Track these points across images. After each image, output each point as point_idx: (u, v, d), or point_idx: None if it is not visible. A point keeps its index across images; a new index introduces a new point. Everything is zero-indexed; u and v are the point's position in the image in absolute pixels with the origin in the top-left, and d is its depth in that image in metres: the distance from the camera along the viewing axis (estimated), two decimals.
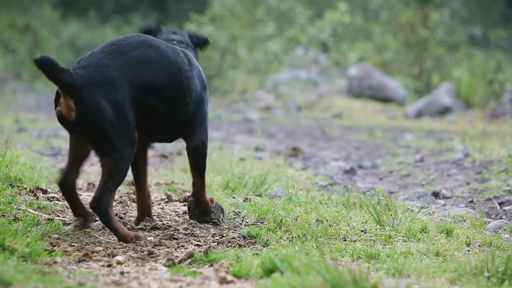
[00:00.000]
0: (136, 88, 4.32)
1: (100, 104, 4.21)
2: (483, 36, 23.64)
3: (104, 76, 4.24)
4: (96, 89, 4.21)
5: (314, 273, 3.53)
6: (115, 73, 4.27)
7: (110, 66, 4.28)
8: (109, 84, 4.24)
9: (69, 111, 4.21)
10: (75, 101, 4.19)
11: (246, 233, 4.63)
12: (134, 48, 4.39)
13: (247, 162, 7.88)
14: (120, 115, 4.25)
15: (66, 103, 4.21)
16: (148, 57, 4.40)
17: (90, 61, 4.29)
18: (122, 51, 4.35)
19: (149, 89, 4.38)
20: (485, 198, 6.47)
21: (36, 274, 3.56)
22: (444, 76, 19.40)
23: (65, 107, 4.21)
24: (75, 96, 4.18)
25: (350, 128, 13.52)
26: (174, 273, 3.81)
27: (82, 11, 29.45)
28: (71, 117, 4.21)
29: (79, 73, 4.22)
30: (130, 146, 4.32)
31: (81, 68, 4.25)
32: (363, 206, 5.39)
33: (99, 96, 4.21)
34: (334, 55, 21.38)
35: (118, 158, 4.27)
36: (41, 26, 25.21)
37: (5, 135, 6.58)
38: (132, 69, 4.33)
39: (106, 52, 4.33)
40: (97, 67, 4.26)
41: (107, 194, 4.27)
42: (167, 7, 31.34)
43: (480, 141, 9.57)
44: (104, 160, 4.28)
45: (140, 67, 4.36)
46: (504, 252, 4.34)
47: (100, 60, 4.29)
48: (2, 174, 5.45)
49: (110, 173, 4.27)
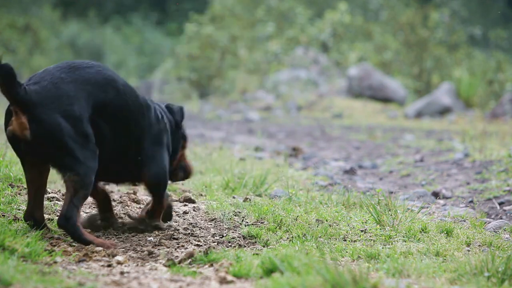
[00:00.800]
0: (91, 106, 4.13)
1: (57, 120, 3.99)
2: (483, 36, 23.64)
3: (58, 88, 4.04)
4: (51, 104, 4.00)
5: (314, 273, 3.53)
6: (71, 86, 4.08)
7: (64, 79, 4.09)
8: (64, 97, 4.04)
9: (22, 129, 3.98)
10: (29, 119, 3.96)
11: (246, 233, 4.63)
12: (90, 66, 4.22)
13: (247, 162, 7.88)
14: (79, 128, 4.05)
15: (19, 121, 3.97)
16: (104, 77, 4.21)
17: (44, 75, 4.09)
18: (77, 66, 4.17)
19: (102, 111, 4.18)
20: (485, 198, 6.47)
21: (36, 274, 3.56)
22: (444, 76, 19.41)
23: (18, 125, 3.98)
24: (28, 113, 3.96)
25: (350, 128, 13.52)
26: (174, 273, 3.81)
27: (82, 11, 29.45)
28: (25, 136, 3.99)
29: (32, 89, 3.99)
30: (93, 159, 4.12)
31: (34, 84, 4.04)
32: (363, 206, 5.39)
33: (54, 111, 4.00)
34: (334, 55, 21.39)
35: (83, 171, 4.07)
36: (41, 26, 25.22)
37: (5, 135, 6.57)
38: (88, 85, 4.14)
39: (60, 67, 4.15)
40: (51, 81, 4.06)
41: (74, 210, 4.08)
42: (167, 7, 31.34)
43: (480, 141, 9.57)
44: (68, 175, 4.07)
45: (95, 85, 4.16)
46: (504, 252, 4.34)
47: (54, 74, 4.09)
48: (2, 174, 5.45)
49: (76, 188, 4.07)
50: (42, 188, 4.30)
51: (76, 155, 4.06)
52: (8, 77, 3.92)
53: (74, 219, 4.10)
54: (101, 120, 4.19)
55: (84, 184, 4.10)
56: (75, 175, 4.07)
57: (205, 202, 5.53)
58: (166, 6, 31.39)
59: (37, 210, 4.30)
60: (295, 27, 22.20)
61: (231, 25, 22.21)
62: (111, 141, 4.27)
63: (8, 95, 3.94)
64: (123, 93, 4.28)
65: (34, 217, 4.29)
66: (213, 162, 7.49)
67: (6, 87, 3.92)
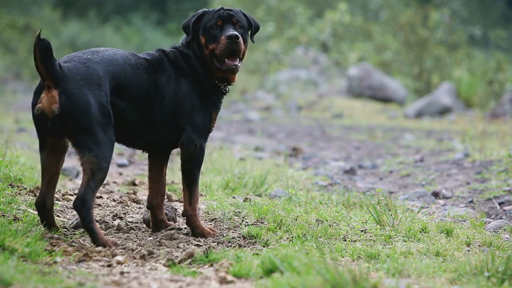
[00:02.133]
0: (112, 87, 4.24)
1: (87, 97, 4.12)
2: (483, 36, 23.64)
3: (88, 67, 4.17)
4: (82, 80, 4.13)
5: (314, 273, 3.53)
6: (99, 66, 4.21)
7: (91, 59, 4.21)
8: (94, 76, 4.17)
9: (51, 104, 4.08)
10: (60, 92, 4.08)
11: (246, 233, 4.63)
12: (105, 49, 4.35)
13: (247, 162, 7.88)
14: (104, 111, 4.16)
15: (50, 96, 4.09)
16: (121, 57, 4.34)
17: (72, 57, 4.24)
18: (97, 51, 4.31)
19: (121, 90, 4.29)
20: (485, 198, 6.47)
21: (36, 274, 3.56)
22: (444, 76, 19.41)
23: (47, 100, 4.09)
24: (60, 87, 4.08)
25: (350, 128, 13.52)
26: (174, 273, 3.81)
27: (82, 11, 29.45)
28: (53, 112, 4.08)
29: (65, 65, 4.15)
30: (110, 145, 4.20)
31: (65, 62, 4.19)
32: (363, 206, 5.39)
33: (85, 88, 4.12)
34: (334, 55, 21.39)
35: (101, 154, 4.14)
36: (41, 26, 25.20)
37: (5, 135, 6.58)
38: (111, 65, 4.26)
39: (83, 52, 4.30)
40: (80, 61, 4.19)
41: (90, 193, 4.13)
42: (167, 7, 31.34)
43: (480, 141, 9.57)
44: (87, 157, 4.13)
45: (116, 65, 4.29)
46: (504, 252, 4.34)
47: (81, 56, 4.23)
48: (2, 174, 5.45)
49: (93, 170, 4.13)
50: (56, 177, 4.36)
51: (96, 136, 4.14)
52: (45, 51, 4.06)
53: (89, 204, 4.14)
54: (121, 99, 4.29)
55: (102, 167, 4.15)
56: (94, 156, 4.13)
57: (205, 202, 5.53)
58: (166, 6, 31.39)
59: (49, 197, 4.34)
60: (295, 27, 22.21)
61: None
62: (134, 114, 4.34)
63: (43, 68, 4.08)
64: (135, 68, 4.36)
65: (45, 204, 4.34)
66: (213, 162, 7.49)
67: (43, 61, 4.07)
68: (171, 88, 4.46)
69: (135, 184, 6.39)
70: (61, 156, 4.33)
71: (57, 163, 4.33)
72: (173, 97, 4.46)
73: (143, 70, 4.40)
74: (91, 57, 4.23)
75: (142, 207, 5.37)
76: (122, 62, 4.32)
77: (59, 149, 4.30)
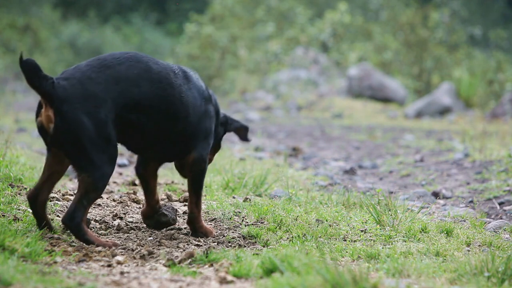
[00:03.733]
0: (120, 105, 4.15)
1: (81, 119, 4.04)
2: (483, 36, 23.64)
3: (86, 89, 4.08)
4: (77, 103, 4.05)
5: (314, 273, 3.53)
6: (99, 87, 4.11)
7: (94, 79, 4.12)
8: (91, 99, 4.07)
9: (48, 122, 4.04)
10: (54, 112, 4.03)
11: (246, 233, 4.63)
12: (121, 62, 4.22)
13: (247, 162, 7.88)
14: (101, 132, 4.08)
15: (46, 114, 4.04)
16: (135, 72, 4.23)
17: (74, 73, 4.13)
18: (107, 65, 4.19)
19: (135, 106, 4.21)
20: (485, 198, 6.47)
21: (36, 274, 3.56)
22: (444, 76, 19.41)
23: (45, 118, 4.05)
24: (55, 107, 4.02)
25: (350, 128, 13.52)
26: (174, 273, 3.81)
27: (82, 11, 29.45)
28: (50, 129, 4.06)
29: (61, 84, 4.05)
30: (110, 164, 4.15)
31: (64, 79, 4.09)
32: (363, 206, 5.39)
33: (79, 110, 4.04)
34: (334, 55, 21.39)
35: (98, 175, 4.10)
36: (41, 26, 25.21)
37: (5, 135, 6.57)
38: (117, 84, 4.16)
39: (91, 66, 4.17)
40: (80, 80, 4.10)
41: (81, 210, 4.11)
42: (167, 7, 31.34)
43: (480, 141, 9.57)
44: (82, 177, 4.11)
45: (125, 82, 4.18)
46: (504, 252, 4.34)
47: (84, 73, 4.12)
48: (2, 174, 5.45)
49: (87, 189, 4.10)
50: (57, 175, 4.32)
51: (92, 158, 4.09)
52: (31, 71, 3.99)
53: (78, 219, 4.11)
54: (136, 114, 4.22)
55: (97, 188, 4.12)
56: (89, 177, 4.10)
57: (205, 202, 5.53)
58: (166, 6, 31.39)
59: (43, 193, 4.28)
60: (295, 27, 22.20)
61: (231, 25, 22.21)
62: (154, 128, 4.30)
63: (34, 88, 4.03)
64: (157, 81, 4.28)
65: (37, 199, 4.27)
66: (213, 162, 7.48)
67: (31, 81, 4.00)
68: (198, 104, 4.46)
69: (135, 184, 6.39)
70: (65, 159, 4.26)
71: (60, 163, 4.28)
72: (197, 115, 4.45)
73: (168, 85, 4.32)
74: (95, 76, 4.13)
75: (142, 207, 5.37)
76: (135, 77, 4.21)
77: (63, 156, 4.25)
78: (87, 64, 4.19)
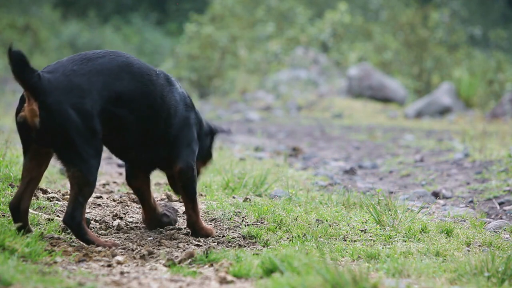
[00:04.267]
0: (104, 97, 4.13)
1: (67, 111, 4.01)
2: (483, 36, 23.64)
3: (70, 81, 4.05)
4: (62, 94, 4.01)
5: (314, 273, 3.53)
6: (83, 78, 4.09)
7: (76, 71, 4.09)
8: (75, 90, 4.05)
9: (33, 116, 3.99)
10: (39, 106, 3.99)
11: (246, 233, 4.63)
12: (102, 56, 4.21)
13: (247, 162, 7.88)
14: (88, 124, 4.05)
15: (30, 108, 3.99)
16: (116, 64, 4.22)
17: (57, 67, 4.11)
18: (89, 58, 4.17)
19: (118, 99, 4.18)
20: (485, 198, 6.47)
21: (36, 274, 3.56)
22: (444, 76, 19.41)
23: (29, 112, 4.00)
24: (40, 100, 3.98)
25: (350, 128, 13.52)
26: (174, 273, 3.81)
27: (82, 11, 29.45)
28: (35, 124, 4.00)
29: (46, 77, 4.01)
30: (97, 157, 4.12)
31: (48, 73, 4.06)
32: (363, 206, 5.39)
33: (65, 102, 4.01)
34: (334, 55, 21.39)
35: (86, 168, 4.07)
36: (41, 26, 25.22)
37: (5, 135, 6.58)
38: (100, 75, 4.14)
39: (73, 59, 4.17)
40: (64, 72, 4.07)
41: (79, 208, 4.10)
42: (167, 7, 31.34)
43: (480, 141, 9.57)
44: (72, 171, 4.07)
45: (108, 74, 4.17)
46: (504, 252, 4.34)
47: (66, 66, 4.11)
48: (2, 174, 5.45)
49: (80, 185, 4.08)
50: (36, 181, 4.24)
51: (79, 151, 4.06)
52: (19, 63, 3.94)
53: (79, 218, 4.11)
54: (119, 108, 4.20)
55: (88, 182, 4.10)
56: (79, 171, 4.07)
57: (205, 202, 5.53)
58: (166, 6, 31.39)
59: (25, 200, 4.21)
60: (295, 27, 22.21)
61: (231, 25, 22.21)
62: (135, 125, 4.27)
63: (20, 81, 3.98)
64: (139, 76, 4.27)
65: (19, 207, 4.19)
66: (213, 162, 7.49)
67: (18, 73, 3.96)
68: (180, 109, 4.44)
69: None
70: (44, 161, 4.21)
71: (39, 167, 4.21)
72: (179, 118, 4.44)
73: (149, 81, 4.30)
74: (77, 68, 4.11)
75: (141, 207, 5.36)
76: (117, 70, 4.20)
77: (43, 155, 4.19)
78: (69, 58, 4.19)
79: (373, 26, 22.70)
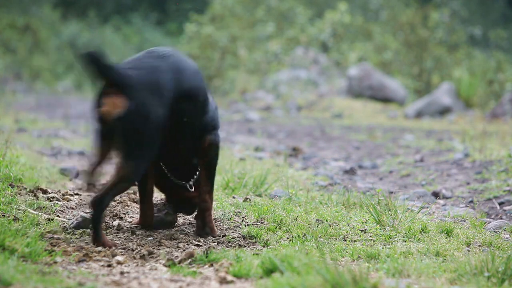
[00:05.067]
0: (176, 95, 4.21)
1: (150, 110, 4.07)
2: (483, 36, 23.64)
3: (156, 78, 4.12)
4: (147, 90, 4.07)
5: (314, 273, 3.53)
6: (168, 75, 4.17)
7: (159, 67, 4.16)
8: (159, 88, 4.12)
9: (114, 108, 4.01)
10: (125, 98, 4.01)
11: (246, 233, 4.63)
12: (170, 55, 4.28)
13: (247, 162, 7.88)
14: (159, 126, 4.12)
15: (112, 101, 4.02)
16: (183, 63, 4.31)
17: (138, 63, 4.16)
18: (162, 55, 4.24)
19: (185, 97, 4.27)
20: (485, 198, 6.47)
21: (36, 274, 3.56)
22: (444, 76, 19.41)
23: (110, 104, 4.02)
24: (125, 94, 4.01)
25: (350, 128, 13.52)
26: (174, 273, 3.81)
27: (82, 11, 29.45)
28: (112, 115, 4.01)
29: (130, 73, 4.07)
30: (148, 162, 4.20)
31: (131, 69, 4.11)
32: (363, 206, 5.39)
33: (150, 101, 4.07)
34: (334, 55, 21.39)
35: (137, 167, 4.12)
36: (41, 26, 25.21)
37: (5, 135, 6.57)
38: (175, 74, 4.22)
39: (150, 56, 4.22)
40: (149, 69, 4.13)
41: (110, 197, 4.13)
42: (167, 7, 31.34)
43: (480, 141, 9.57)
44: (125, 164, 4.10)
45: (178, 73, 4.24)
46: (504, 252, 4.34)
47: (149, 62, 4.17)
48: (2, 174, 5.45)
49: (121, 177, 4.10)
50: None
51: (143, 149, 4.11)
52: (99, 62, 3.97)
53: (104, 206, 4.12)
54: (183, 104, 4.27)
55: (130, 178, 4.14)
56: (129, 166, 4.10)
57: None
58: (166, 6, 31.39)
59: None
60: (295, 27, 22.21)
61: (231, 25, 22.21)
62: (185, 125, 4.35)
63: (103, 78, 4.03)
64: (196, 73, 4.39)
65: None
66: None
67: (102, 72, 4.00)
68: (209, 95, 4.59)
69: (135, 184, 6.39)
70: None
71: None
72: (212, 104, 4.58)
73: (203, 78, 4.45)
74: (157, 65, 4.17)
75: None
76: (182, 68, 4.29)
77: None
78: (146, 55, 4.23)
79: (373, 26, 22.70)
